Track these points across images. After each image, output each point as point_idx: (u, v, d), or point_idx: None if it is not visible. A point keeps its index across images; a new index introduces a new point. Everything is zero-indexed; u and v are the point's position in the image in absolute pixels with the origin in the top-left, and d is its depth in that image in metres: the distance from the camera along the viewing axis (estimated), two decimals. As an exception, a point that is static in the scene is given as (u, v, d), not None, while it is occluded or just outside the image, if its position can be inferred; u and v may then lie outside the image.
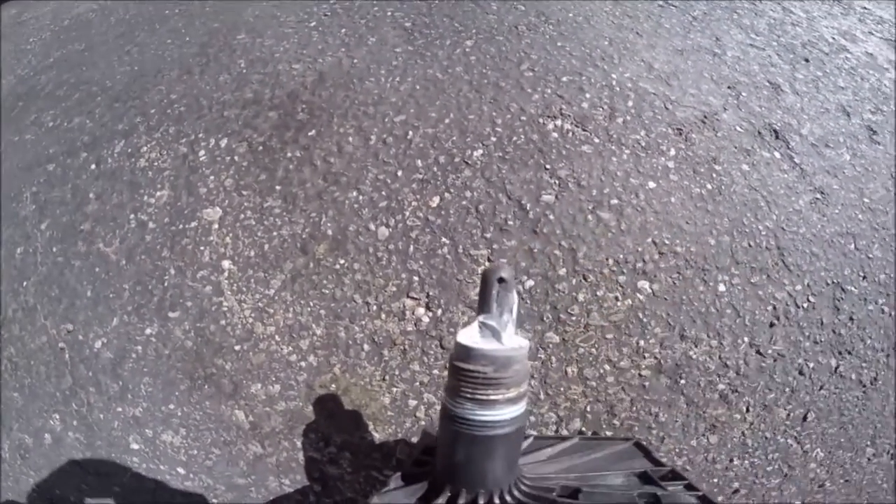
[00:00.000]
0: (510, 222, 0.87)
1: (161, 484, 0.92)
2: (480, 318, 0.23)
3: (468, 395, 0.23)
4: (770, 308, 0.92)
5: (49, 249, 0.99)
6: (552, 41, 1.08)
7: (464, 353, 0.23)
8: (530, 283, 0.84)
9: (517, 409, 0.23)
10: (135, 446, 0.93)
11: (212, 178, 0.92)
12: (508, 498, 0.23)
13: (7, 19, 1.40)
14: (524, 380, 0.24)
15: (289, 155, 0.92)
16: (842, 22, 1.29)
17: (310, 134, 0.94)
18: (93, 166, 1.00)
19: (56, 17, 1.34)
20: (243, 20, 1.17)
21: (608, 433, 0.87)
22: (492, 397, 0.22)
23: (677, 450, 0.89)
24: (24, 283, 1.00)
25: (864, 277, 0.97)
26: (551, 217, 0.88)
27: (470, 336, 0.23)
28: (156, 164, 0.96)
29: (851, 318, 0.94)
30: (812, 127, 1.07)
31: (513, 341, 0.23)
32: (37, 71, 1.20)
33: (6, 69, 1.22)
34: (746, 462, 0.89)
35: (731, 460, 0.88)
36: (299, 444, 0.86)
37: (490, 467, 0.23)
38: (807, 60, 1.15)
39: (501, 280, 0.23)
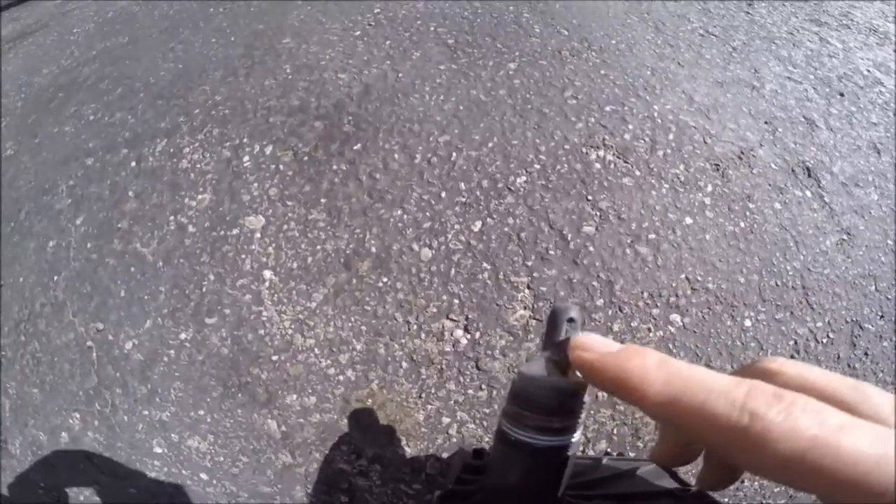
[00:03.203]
0: (551, 251, 0.88)
1: (180, 489, 0.91)
2: (547, 354, 0.24)
3: (530, 423, 0.23)
4: (791, 342, 0.95)
5: (83, 245, 0.98)
6: (595, 69, 1.09)
7: (531, 384, 0.23)
8: (569, 312, 0.85)
9: (575, 436, 0.24)
10: (158, 450, 0.92)
11: (255, 185, 0.92)
12: None
13: (52, 8, 1.38)
14: (583, 410, 0.24)
15: (334, 167, 0.92)
16: (877, 53, 1.31)
17: (356, 148, 0.94)
18: (133, 163, 0.99)
19: (101, 8, 1.32)
20: (288, 23, 1.16)
21: (632, 454, 0.89)
22: (554, 425, 0.23)
23: (693, 472, 0.92)
24: (55, 278, 0.99)
25: (882, 316, 1.00)
26: (591, 249, 0.89)
27: (536, 369, 0.23)
28: (198, 166, 0.96)
29: (866, 354, 0.97)
30: (843, 165, 1.09)
31: (576, 376, 0.25)
32: (79, 62, 1.18)
33: (49, 59, 1.20)
34: (756, 484, 0.91)
35: (742, 482, 0.91)
36: (331, 455, 0.87)
37: (542, 489, 0.24)
38: (842, 94, 1.17)
39: (571, 320, 0.24)
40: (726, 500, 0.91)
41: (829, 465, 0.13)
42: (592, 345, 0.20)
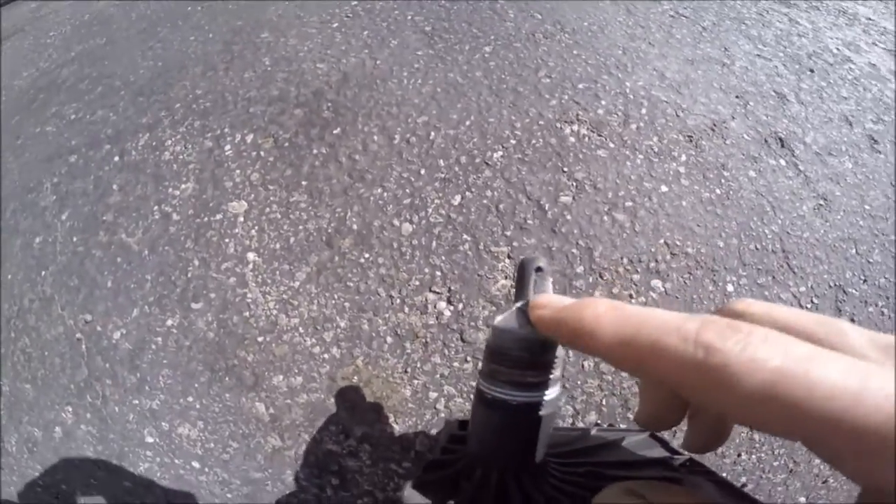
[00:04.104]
0: (529, 221, 0.90)
1: (175, 479, 0.91)
2: (518, 305, 0.24)
3: (504, 379, 0.23)
4: (777, 309, 0.96)
5: (69, 239, 0.99)
6: (568, 49, 1.12)
7: (503, 336, 0.23)
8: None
9: (551, 393, 0.24)
10: (149, 440, 0.92)
11: (237, 172, 0.94)
12: (540, 483, 0.25)
13: (26, 13, 1.40)
14: (559, 365, 0.24)
15: (315, 152, 0.94)
16: (846, 33, 1.34)
17: (335, 132, 0.96)
18: (116, 158, 1.01)
19: (76, 11, 1.35)
20: (266, 19, 1.19)
21: (622, 426, 0.89)
22: (529, 380, 0.23)
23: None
24: (42, 273, 1.00)
25: (865, 281, 1.01)
26: (569, 217, 0.91)
27: (508, 321, 0.24)
28: (181, 157, 0.97)
29: (853, 320, 0.98)
30: (816, 136, 1.12)
31: None
32: (58, 64, 1.21)
33: (27, 62, 1.22)
34: (754, 457, 0.90)
35: (739, 455, 0.90)
36: (319, 436, 0.87)
37: (522, 449, 0.24)
38: (812, 71, 1.20)
39: (539, 269, 0.24)
40: (724, 473, 0.91)
41: (801, 400, 0.11)
42: (548, 302, 0.20)
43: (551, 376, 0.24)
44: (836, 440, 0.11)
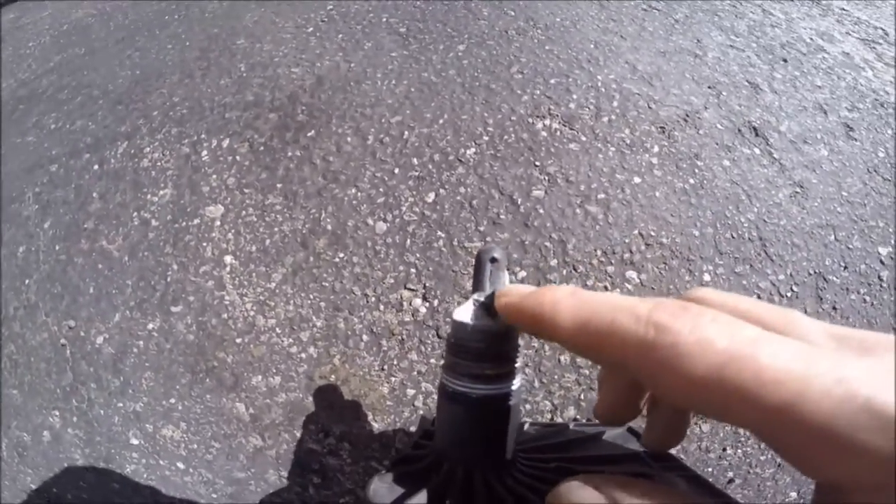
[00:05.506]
0: (502, 216, 0.91)
1: (161, 480, 0.92)
2: (474, 296, 0.24)
3: (464, 371, 0.23)
4: (754, 296, 0.95)
5: (52, 248, 1.00)
6: (540, 45, 1.13)
7: (460, 329, 0.24)
8: (523, 273, 0.87)
9: (512, 385, 0.24)
10: (134, 441, 0.94)
11: (214, 176, 0.95)
12: (506, 478, 0.24)
13: (5, 23, 1.42)
14: (517, 356, 0.24)
15: (289, 154, 0.95)
16: (820, 23, 1.35)
17: (309, 134, 0.97)
18: (96, 167, 1.02)
19: (55, 21, 1.37)
20: (242, 25, 1.20)
21: (601, 420, 0.89)
22: (487, 372, 0.23)
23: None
24: (26, 282, 1.01)
25: (845, 267, 1.01)
26: (541, 211, 0.92)
27: (465, 313, 0.24)
28: (158, 164, 0.99)
29: (835, 308, 0.97)
30: (790, 124, 1.12)
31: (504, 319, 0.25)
32: (37, 74, 1.22)
33: (7, 73, 1.24)
34: (739, 451, 0.90)
35: (725, 449, 0.90)
36: (299, 435, 0.88)
37: (487, 443, 0.24)
38: (785, 61, 1.21)
39: (494, 260, 0.25)
40: (710, 468, 0.91)
41: (748, 384, 0.11)
42: (512, 290, 0.21)
43: (511, 369, 0.24)
44: (784, 430, 0.10)
